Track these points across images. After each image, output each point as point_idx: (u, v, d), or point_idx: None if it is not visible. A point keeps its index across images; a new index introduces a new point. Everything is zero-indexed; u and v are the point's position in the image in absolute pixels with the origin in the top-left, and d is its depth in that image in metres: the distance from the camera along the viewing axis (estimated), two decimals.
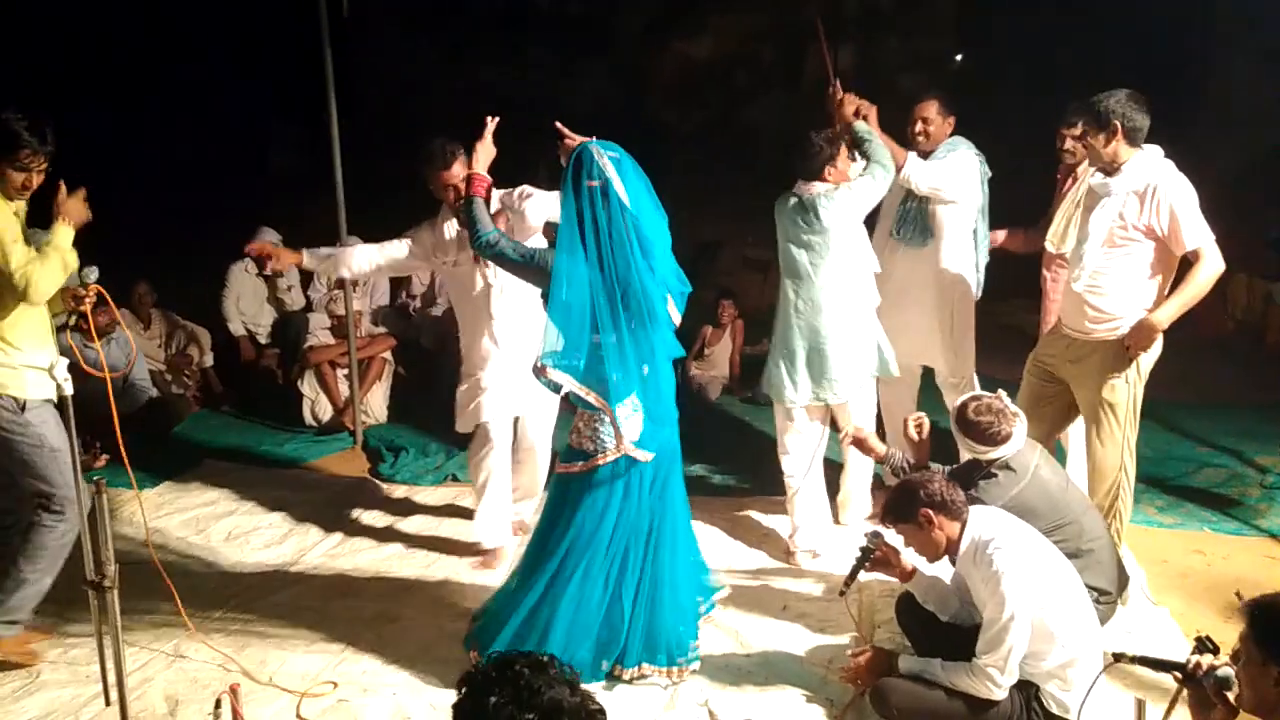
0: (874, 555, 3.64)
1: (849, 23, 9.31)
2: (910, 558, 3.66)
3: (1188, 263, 4.18)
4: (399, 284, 8.08)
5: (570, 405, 3.80)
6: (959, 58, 9.73)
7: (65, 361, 3.69)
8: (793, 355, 4.69)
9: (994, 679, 3.17)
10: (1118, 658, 2.62)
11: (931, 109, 5.01)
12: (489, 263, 4.37)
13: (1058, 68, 7.53)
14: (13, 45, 7.99)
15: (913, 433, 4.09)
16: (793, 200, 4.63)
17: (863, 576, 3.75)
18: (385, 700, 3.68)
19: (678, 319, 3.83)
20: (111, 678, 3.48)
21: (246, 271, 7.76)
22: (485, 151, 3.96)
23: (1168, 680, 2.49)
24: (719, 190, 8.65)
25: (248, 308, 7.78)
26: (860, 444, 4.30)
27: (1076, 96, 4.70)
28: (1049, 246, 4.92)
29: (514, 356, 4.59)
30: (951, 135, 5.05)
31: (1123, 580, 3.94)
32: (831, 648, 3.96)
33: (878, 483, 5.16)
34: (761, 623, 4.19)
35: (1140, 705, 2.59)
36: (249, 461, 6.28)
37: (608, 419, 3.63)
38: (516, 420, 4.85)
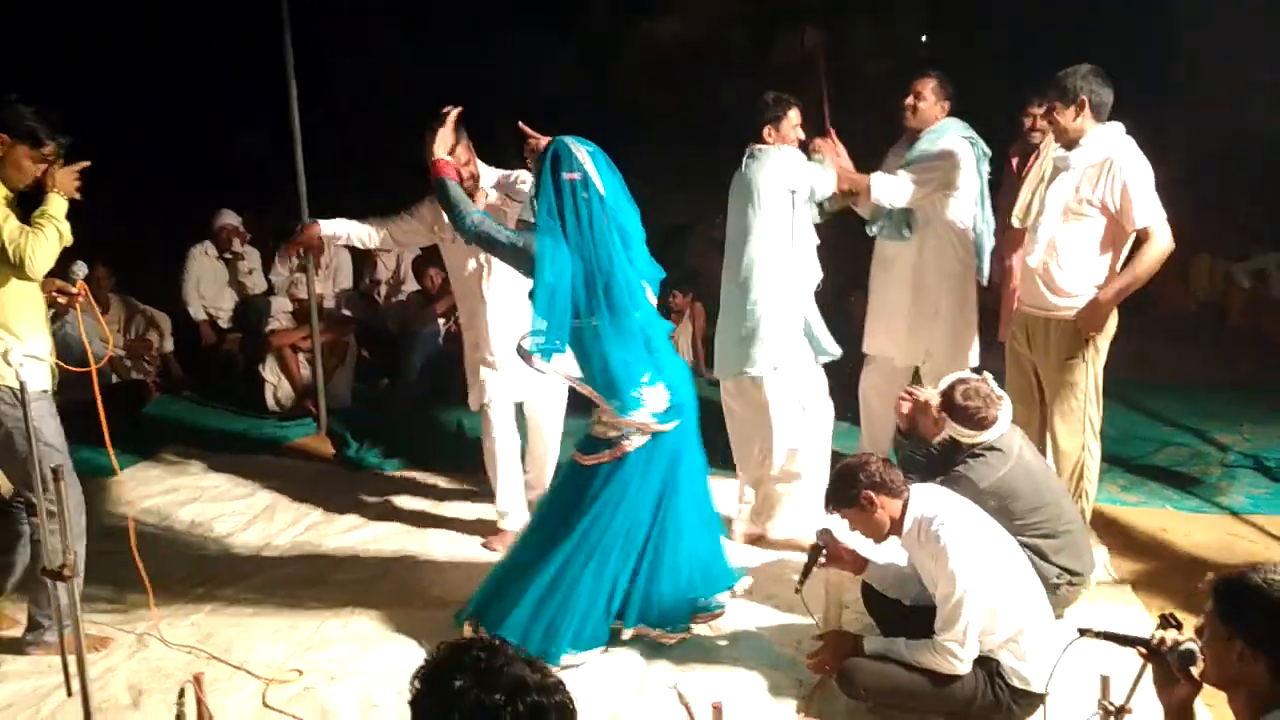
0: (824, 552, 3.64)
1: (819, 8, 9.30)
2: (860, 545, 3.66)
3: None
4: (363, 267, 8.01)
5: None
6: (924, 38, 9.75)
7: (19, 349, 3.60)
8: (722, 328, 4.67)
9: (955, 653, 3.20)
10: (1082, 632, 2.63)
11: (928, 86, 4.93)
12: None
13: (1025, 55, 7.56)
14: None
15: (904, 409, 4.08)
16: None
17: (818, 571, 3.76)
18: (352, 688, 3.65)
19: (652, 300, 3.89)
20: (73, 668, 3.42)
21: (206, 254, 7.68)
22: (444, 139, 3.93)
23: (1133, 656, 2.51)
24: (687, 172, 8.63)
25: (208, 291, 7.69)
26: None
27: (1041, 80, 4.73)
28: (1014, 221, 4.94)
29: (508, 340, 4.58)
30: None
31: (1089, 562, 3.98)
32: (800, 629, 3.96)
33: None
34: (730, 604, 4.18)
35: (1105, 681, 2.61)
36: (211, 447, 6.20)
37: (628, 404, 3.65)
38: (521, 406, 4.85)
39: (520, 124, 3.85)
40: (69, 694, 3.53)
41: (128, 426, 6.46)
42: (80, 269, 3.67)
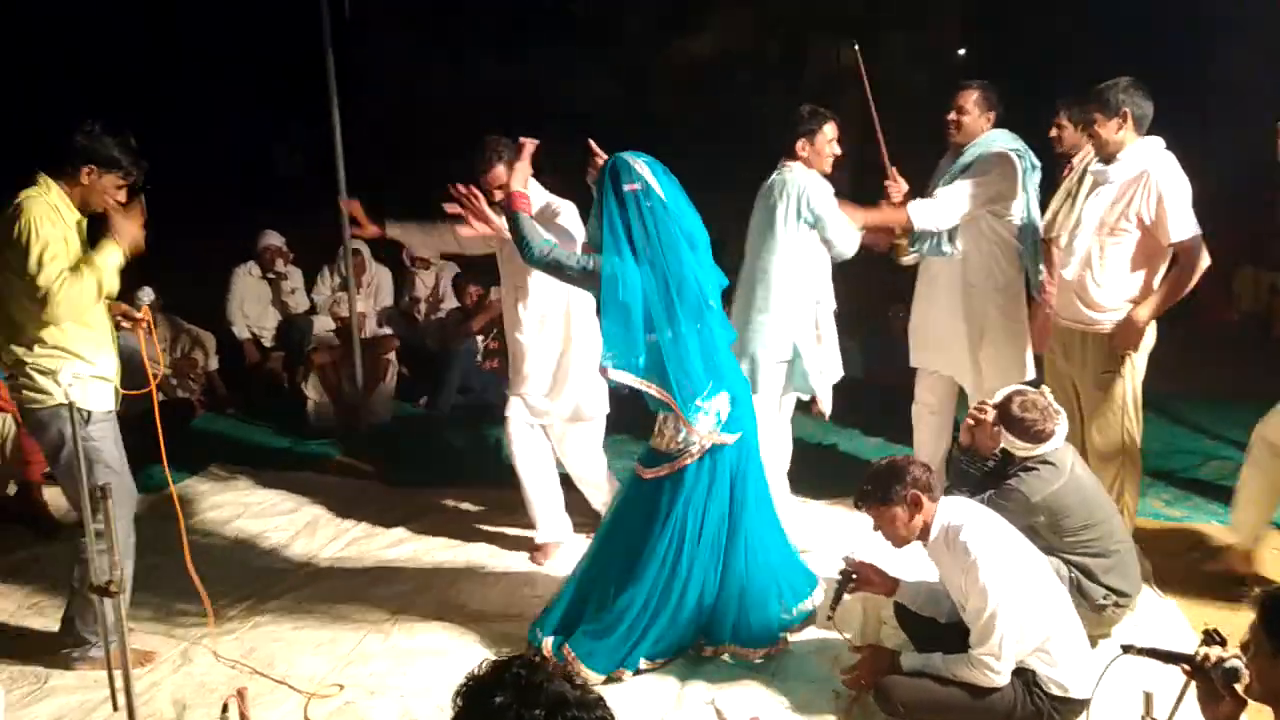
0: (854, 577, 3.62)
1: (852, 20, 9.30)
2: (887, 565, 3.63)
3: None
4: (402, 285, 8.09)
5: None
6: (962, 52, 9.70)
7: (71, 369, 3.67)
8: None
9: (992, 666, 3.18)
10: (1125, 649, 2.61)
11: (969, 99, 4.72)
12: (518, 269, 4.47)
13: (1059, 64, 7.52)
14: (14, 49, 8.00)
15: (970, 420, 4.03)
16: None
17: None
18: (392, 702, 3.68)
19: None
20: (119, 682, 3.48)
21: (250, 274, 7.79)
22: (522, 171, 4.02)
23: (1177, 671, 2.48)
24: (720, 187, 8.61)
25: (252, 311, 7.80)
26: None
27: (1071, 91, 4.70)
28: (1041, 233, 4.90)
29: (536, 359, 4.67)
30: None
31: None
32: (836, 644, 3.94)
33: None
34: None
35: (1148, 698, 2.58)
36: (255, 464, 6.27)
37: (691, 414, 3.66)
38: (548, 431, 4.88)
39: (590, 141, 3.89)
40: (115, 708, 3.59)
41: (174, 443, 6.56)
42: (146, 295, 3.74)
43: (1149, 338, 4.27)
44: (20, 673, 3.87)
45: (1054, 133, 5.10)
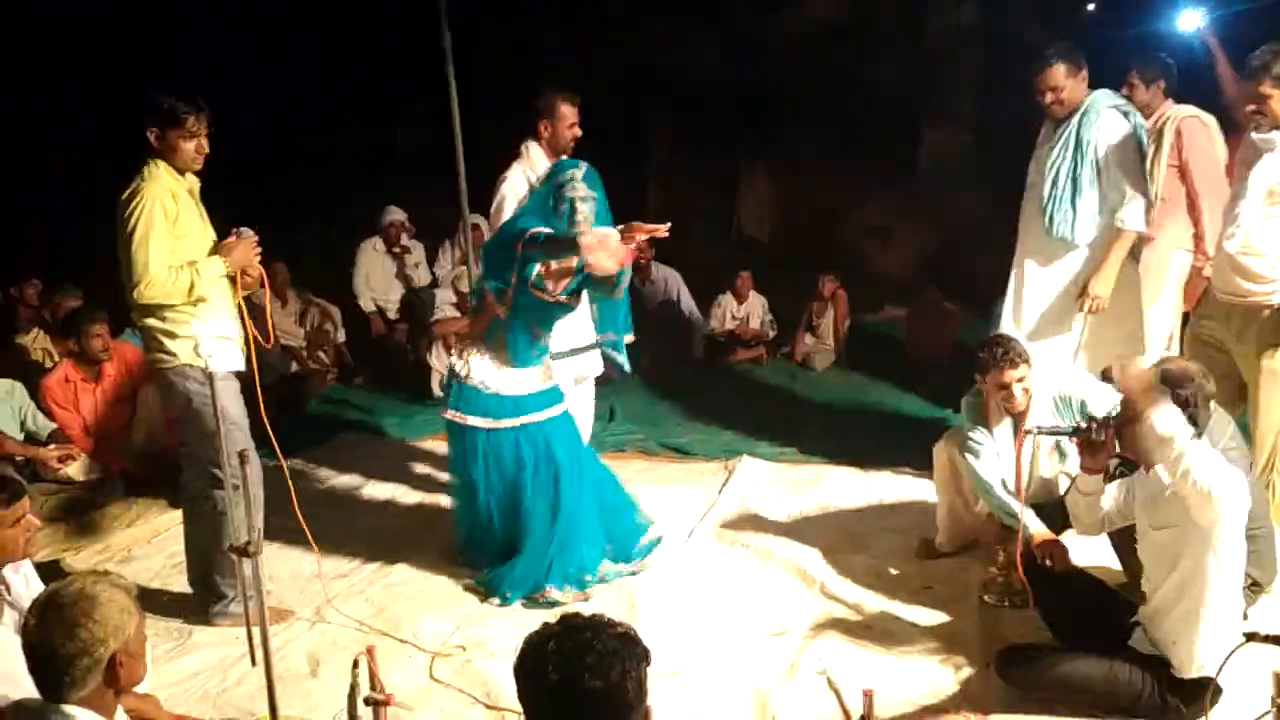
0: (1094, 438, 3.34)
1: None
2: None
3: None
4: None
5: None
6: (1091, 7, 9.30)
7: (208, 335, 3.85)
8: None
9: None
10: (1249, 637, 2.53)
11: (1058, 75, 4.50)
12: None
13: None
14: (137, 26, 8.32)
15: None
16: None
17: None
18: (510, 663, 3.75)
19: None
20: (257, 638, 3.65)
21: (375, 250, 8.02)
22: None
23: None
24: (833, 157, 8.47)
25: (377, 284, 8.04)
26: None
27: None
28: None
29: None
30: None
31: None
32: (952, 624, 3.90)
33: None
34: (878, 595, 4.15)
35: (1278, 677, 2.50)
36: (382, 432, 6.50)
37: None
38: None
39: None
40: (253, 663, 3.76)
41: (303, 415, 6.85)
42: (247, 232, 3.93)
43: None
44: (165, 629, 4.09)
45: (1124, 92, 4.94)
